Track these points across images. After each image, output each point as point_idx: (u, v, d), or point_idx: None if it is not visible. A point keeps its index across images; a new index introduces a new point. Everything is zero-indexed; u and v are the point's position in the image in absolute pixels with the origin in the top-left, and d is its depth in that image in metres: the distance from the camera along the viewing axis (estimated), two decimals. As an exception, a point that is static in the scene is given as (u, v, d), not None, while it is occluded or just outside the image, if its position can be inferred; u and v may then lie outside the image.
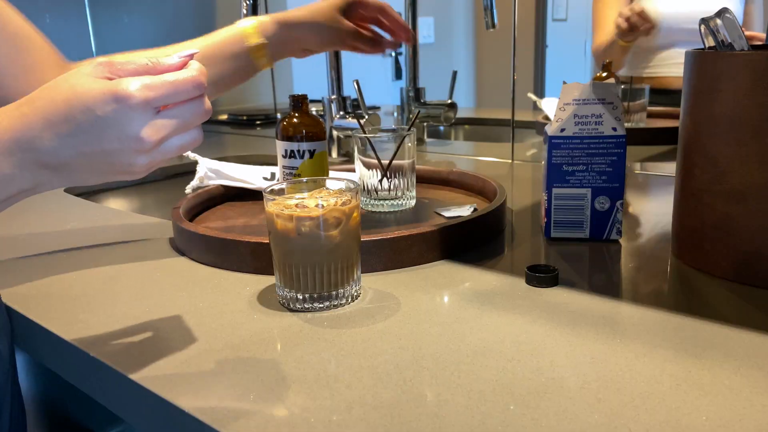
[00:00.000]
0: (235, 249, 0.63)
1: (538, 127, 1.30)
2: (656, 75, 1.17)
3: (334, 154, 1.29)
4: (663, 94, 1.15)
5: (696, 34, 0.60)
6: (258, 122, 1.79)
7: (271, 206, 0.52)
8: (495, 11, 1.04)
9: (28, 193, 0.44)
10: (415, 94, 1.37)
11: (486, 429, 0.37)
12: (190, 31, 0.74)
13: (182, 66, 0.42)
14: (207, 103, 0.43)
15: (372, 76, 1.78)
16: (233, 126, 1.81)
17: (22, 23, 0.65)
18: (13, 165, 0.41)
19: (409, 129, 0.82)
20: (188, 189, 0.92)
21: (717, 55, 0.55)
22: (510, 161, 1.20)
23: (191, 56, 0.43)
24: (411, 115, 1.35)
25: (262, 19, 0.73)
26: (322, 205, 0.51)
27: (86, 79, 0.40)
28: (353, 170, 0.89)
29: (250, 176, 0.95)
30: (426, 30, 1.70)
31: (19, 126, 0.41)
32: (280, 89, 1.77)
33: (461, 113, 1.36)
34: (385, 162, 0.81)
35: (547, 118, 1.24)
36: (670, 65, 1.16)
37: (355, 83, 1.16)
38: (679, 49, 1.14)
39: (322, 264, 0.52)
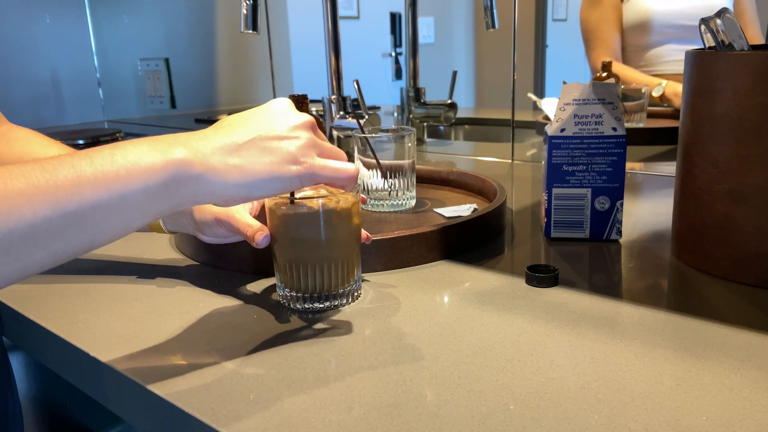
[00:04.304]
0: (235, 249, 0.63)
1: (538, 127, 1.30)
2: (650, 73, 1.17)
3: (334, 154, 1.29)
4: None
5: (688, 31, 0.60)
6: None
7: (271, 206, 0.52)
8: (495, 11, 1.04)
9: (201, 190, 0.43)
10: (415, 94, 1.37)
11: (486, 429, 0.37)
12: (189, 32, 0.73)
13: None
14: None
15: (372, 76, 1.78)
16: (233, 126, 1.80)
17: None
18: (189, 150, 0.42)
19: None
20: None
21: (717, 55, 0.55)
22: (510, 161, 1.20)
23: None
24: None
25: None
26: (323, 205, 0.51)
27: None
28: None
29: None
30: (426, 30, 1.70)
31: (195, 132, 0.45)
32: (280, 89, 1.77)
33: (461, 113, 1.36)
34: (384, 162, 0.81)
35: (547, 118, 1.24)
36: (663, 63, 1.16)
37: (355, 83, 1.16)
38: (671, 46, 1.14)
39: (322, 264, 0.52)
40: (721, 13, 0.56)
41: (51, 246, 0.38)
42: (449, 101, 1.31)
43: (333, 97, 1.24)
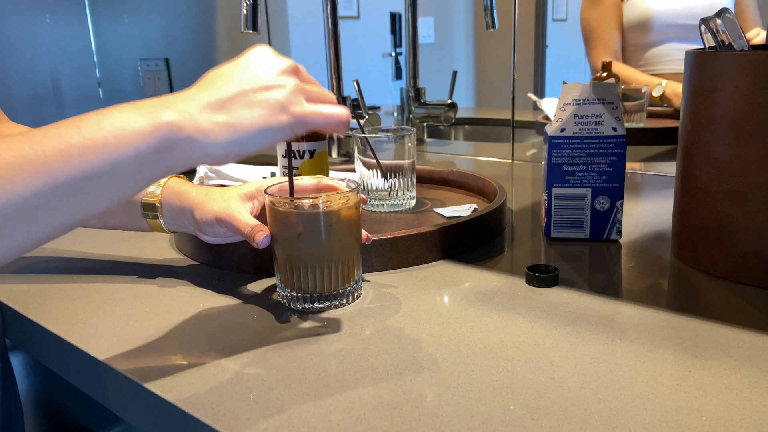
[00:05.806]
0: (235, 249, 0.63)
1: (538, 127, 1.30)
2: (650, 72, 1.17)
3: (334, 154, 1.29)
4: None
5: (688, 30, 0.60)
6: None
7: (272, 206, 0.52)
8: (495, 11, 1.04)
9: (194, 152, 0.41)
10: (415, 94, 1.37)
11: (486, 429, 0.37)
12: (189, 32, 0.73)
13: None
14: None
15: (372, 76, 1.78)
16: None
17: None
18: (176, 113, 0.41)
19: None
20: (188, 189, 0.91)
21: (717, 55, 0.55)
22: (510, 161, 1.20)
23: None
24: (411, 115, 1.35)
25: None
26: (323, 205, 0.51)
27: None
28: (353, 170, 0.89)
29: (250, 176, 0.95)
30: (426, 30, 1.70)
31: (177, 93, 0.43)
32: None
33: (461, 113, 1.36)
34: (384, 162, 0.81)
35: (547, 118, 1.24)
36: (664, 62, 1.16)
37: (355, 83, 1.16)
38: (671, 45, 1.14)
39: (322, 264, 0.52)
40: (721, 13, 0.56)
41: (46, 218, 0.37)
42: (449, 101, 1.31)
43: (333, 97, 1.24)
